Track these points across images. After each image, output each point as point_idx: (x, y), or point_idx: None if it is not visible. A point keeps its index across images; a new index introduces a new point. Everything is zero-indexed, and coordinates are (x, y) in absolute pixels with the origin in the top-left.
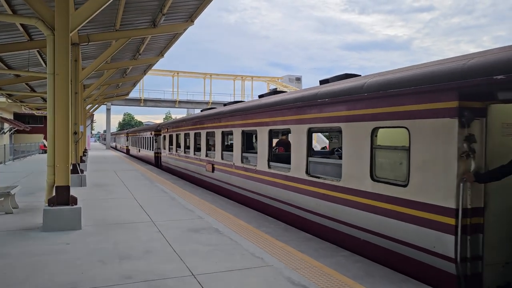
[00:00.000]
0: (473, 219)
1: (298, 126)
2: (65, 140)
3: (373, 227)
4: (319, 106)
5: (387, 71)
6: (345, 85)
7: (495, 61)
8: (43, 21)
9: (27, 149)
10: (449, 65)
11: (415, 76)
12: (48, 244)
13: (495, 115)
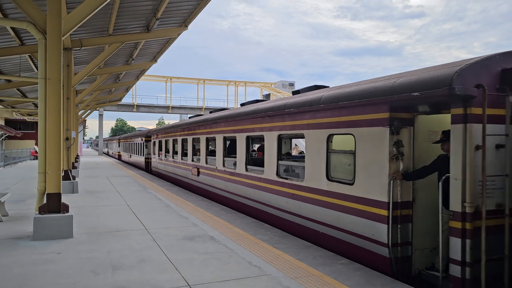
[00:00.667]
0: (403, 211)
1: (270, 133)
2: (56, 147)
3: (330, 221)
4: (287, 115)
5: (343, 85)
6: (307, 97)
7: (414, 81)
8: (34, 25)
9: (18, 156)
10: (383, 82)
11: (359, 91)
12: (39, 254)
13: (422, 124)
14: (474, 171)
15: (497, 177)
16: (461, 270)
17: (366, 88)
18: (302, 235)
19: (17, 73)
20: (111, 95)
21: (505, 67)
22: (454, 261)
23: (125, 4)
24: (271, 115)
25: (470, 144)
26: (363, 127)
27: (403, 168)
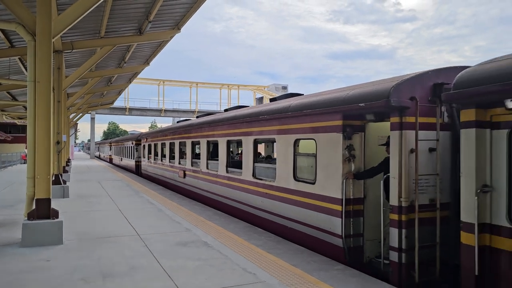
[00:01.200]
0: (355, 206)
1: (247, 137)
2: (45, 151)
3: (297, 217)
4: (262, 122)
5: (311, 94)
6: (278, 105)
7: (362, 93)
8: (23, 26)
9: (8, 159)
10: (338, 94)
11: (319, 101)
12: (27, 261)
13: (373, 130)
14: (409, 171)
15: (430, 176)
16: (398, 256)
17: (325, 98)
18: (275, 231)
19: (6, 76)
20: (103, 98)
21: (436, 82)
22: (393, 248)
23: (117, 7)
24: (248, 121)
25: (405, 148)
26: (322, 133)
27: (354, 169)
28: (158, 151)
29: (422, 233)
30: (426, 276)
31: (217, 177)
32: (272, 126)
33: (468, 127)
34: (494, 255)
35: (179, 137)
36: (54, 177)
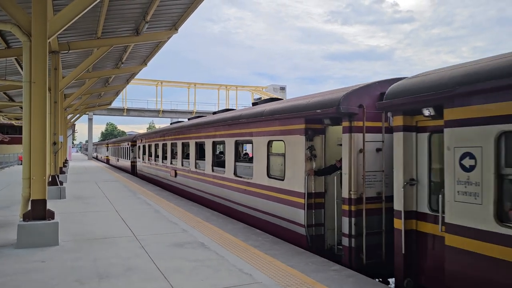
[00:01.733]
0: (316, 199)
1: (229, 138)
2: (41, 152)
3: (270, 210)
4: (241, 125)
5: (285, 100)
6: (255, 110)
7: (320, 101)
8: (19, 27)
9: (5, 160)
10: (302, 101)
11: (287, 107)
12: (22, 262)
13: (333, 133)
14: (357, 168)
15: (377, 172)
16: (348, 241)
17: (292, 105)
18: (254, 224)
19: (3, 77)
20: (101, 99)
21: (381, 91)
22: (344, 234)
23: (113, 7)
24: (229, 124)
25: (354, 148)
26: (288, 135)
27: (315, 167)
28: (152, 152)
29: (369, 221)
30: (373, 258)
31: (204, 175)
32: (249, 128)
33: (397, 131)
34: (419, 237)
35: (170, 138)
36: (50, 178)
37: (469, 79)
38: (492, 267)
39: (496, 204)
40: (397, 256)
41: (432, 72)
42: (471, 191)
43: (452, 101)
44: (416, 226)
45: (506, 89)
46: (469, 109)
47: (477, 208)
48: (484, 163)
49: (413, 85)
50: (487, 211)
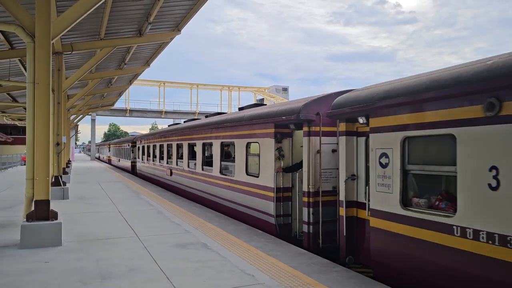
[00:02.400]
0: (284, 193)
1: (216, 140)
2: (45, 152)
3: (248, 204)
4: (226, 128)
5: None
6: (237, 115)
7: (286, 109)
8: (23, 28)
9: (9, 161)
10: (273, 109)
11: (261, 113)
12: (25, 263)
13: (299, 136)
14: (315, 166)
15: (332, 170)
16: (307, 228)
17: (266, 111)
18: (236, 217)
19: (7, 77)
20: (104, 99)
21: None
22: (304, 222)
23: (116, 8)
24: (216, 127)
25: (312, 150)
26: (262, 138)
27: (283, 165)
28: (150, 152)
29: (324, 211)
30: (328, 242)
31: (195, 174)
32: (232, 132)
33: (342, 135)
34: (358, 222)
35: (166, 140)
36: (53, 179)
37: (386, 95)
38: (400, 242)
39: (401, 193)
40: (340, 238)
41: (369, 87)
42: (386, 183)
43: (374, 112)
44: (357, 213)
45: (406, 104)
46: (385, 119)
47: (390, 196)
48: (394, 161)
49: (352, 97)
50: (396, 198)
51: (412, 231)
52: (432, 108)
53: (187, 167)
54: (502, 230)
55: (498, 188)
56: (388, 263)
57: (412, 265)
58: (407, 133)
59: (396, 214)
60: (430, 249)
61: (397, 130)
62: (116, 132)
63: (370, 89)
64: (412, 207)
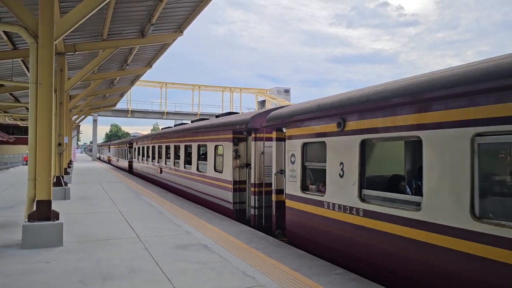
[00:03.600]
0: (240, 185)
1: (194, 143)
2: (47, 153)
3: (216, 195)
4: (201, 133)
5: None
6: (210, 122)
7: (239, 120)
8: (26, 29)
9: (11, 161)
10: (233, 119)
11: (224, 122)
12: (26, 263)
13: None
14: (260, 164)
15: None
16: (253, 211)
17: (228, 121)
18: (208, 206)
19: (9, 78)
20: (106, 100)
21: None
22: (252, 207)
23: (119, 9)
24: (195, 132)
25: (258, 151)
26: (225, 142)
27: (239, 163)
28: (144, 153)
29: (266, 198)
30: (268, 222)
31: (179, 171)
32: (205, 136)
33: (274, 140)
34: (284, 205)
35: (157, 142)
36: (55, 179)
37: (293, 114)
38: (300, 215)
39: (302, 181)
40: (272, 217)
41: (290, 106)
42: (294, 175)
43: (288, 125)
44: (284, 198)
45: (303, 120)
46: (293, 129)
47: (296, 184)
48: (298, 160)
49: (279, 113)
50: (298, 185)
51: (305, 207)
52: (315, 124)
53: (173, 166)
54: (343, 202)
55: (343, 176)
56: (295, 231)
57: (306, 230)
58: (304, 140)
59: (298, 196)
60: (314, 219)
61: (300, 138)
62: (117, 133)
63: (289, 108)
64: (307, 191)
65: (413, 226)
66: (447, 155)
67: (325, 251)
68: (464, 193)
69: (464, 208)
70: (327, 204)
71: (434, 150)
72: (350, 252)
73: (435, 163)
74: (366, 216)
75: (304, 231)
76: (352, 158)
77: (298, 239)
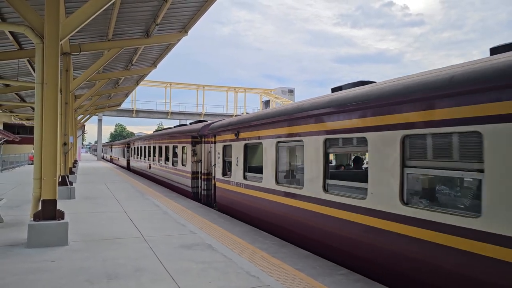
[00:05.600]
0: (197, 174)
1: (170, 144)
2: (52, 152)
3: (181, 182)
4: (173, 136)
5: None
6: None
7: (195, 128)
8: (32, 29)
9: (16, 160)
10: (191, 127)
11: (185, 129)
12: (32, 262)
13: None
14: (207, 160)
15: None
16: (203, 192)
17: (190, 128)
18: (177, 191)
19: (15, 78)
20: (110, 100)
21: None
22: (202, 189)
23: (124, 10)
24: (170, 136)
25: (206, 151)
26: (185, 144)
27: (196, 159)
28: (138, 152)
29: (211, 184)
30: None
31: (162, 166)
32: (176, 139)
33: (214, 143)
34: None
35: (147, 143)
36: (60, 178)
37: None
38: (222, 191)
39: (222, 169)
40: (212, 195)
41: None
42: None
43: (216, 134)
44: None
45: (225, 130)
46: (218, 137)
47: (219, 171)
48: (221, 156)
49: (213, 126)
50: (220, 171)
51: (224, 186)
52: (227, 134)
53: (158, 162)
54: (237, 180)
55: (238, 165)
56: (220, 201)
57: (226, 201)
58: (223, 143)
59: (220, 178)
60: (228, 192)
61: (221, 142)
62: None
63: (217, 123)
64: (225, 175)
65: (257, 190)
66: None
67: (235, 214)
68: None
69: None
70: (232, 182)
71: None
72: (246, 212)
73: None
74: (246, 187)
75: (225, 201)
76: (241, 154)
77: (223, 208)
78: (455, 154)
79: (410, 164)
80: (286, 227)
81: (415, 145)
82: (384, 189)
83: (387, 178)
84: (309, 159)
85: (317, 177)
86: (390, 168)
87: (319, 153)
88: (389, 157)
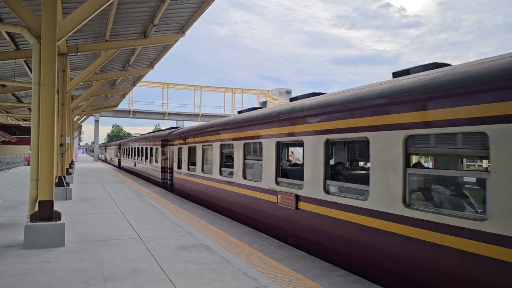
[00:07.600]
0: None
1: (147, 146)
2: (49, 153)
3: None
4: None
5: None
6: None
7: (163, 134)
8: (29, 30)
9: (13, 161)
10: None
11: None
12: (29, 263)
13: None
14: (173, 158)
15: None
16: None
17: (159, 134)
18: (152, 181)
19: (12, 78)
20: (107, 101)
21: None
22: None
23: (122, 10)
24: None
25: (170, 151)
26: (158, 146)
27: (164, 158)
28: (126, 152)
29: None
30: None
31: (142, 164)
32: (151, 142)
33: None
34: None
35: (132, 144)
36: (57, 179)
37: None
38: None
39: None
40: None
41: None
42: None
43: (175, 139)
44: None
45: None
46: (176, 141)
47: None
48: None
49: (173, 133)
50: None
51: (179, 176)
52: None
53: (140, 161)
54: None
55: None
56: (177, 187)
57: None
58: (177, 146)
59: (176, 171)
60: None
61: (176, 145)
62: (119, 133)
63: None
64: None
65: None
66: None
67: (186, 195)
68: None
69: None
70: (183, 173)
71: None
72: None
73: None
74: (190, 176)
75: (179, 187)
76: (185, 154)
77: (179, 192)
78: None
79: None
80: (207, 199)
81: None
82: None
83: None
84: (214, 156)
85: (215, 165)
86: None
87: (217, 152)
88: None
